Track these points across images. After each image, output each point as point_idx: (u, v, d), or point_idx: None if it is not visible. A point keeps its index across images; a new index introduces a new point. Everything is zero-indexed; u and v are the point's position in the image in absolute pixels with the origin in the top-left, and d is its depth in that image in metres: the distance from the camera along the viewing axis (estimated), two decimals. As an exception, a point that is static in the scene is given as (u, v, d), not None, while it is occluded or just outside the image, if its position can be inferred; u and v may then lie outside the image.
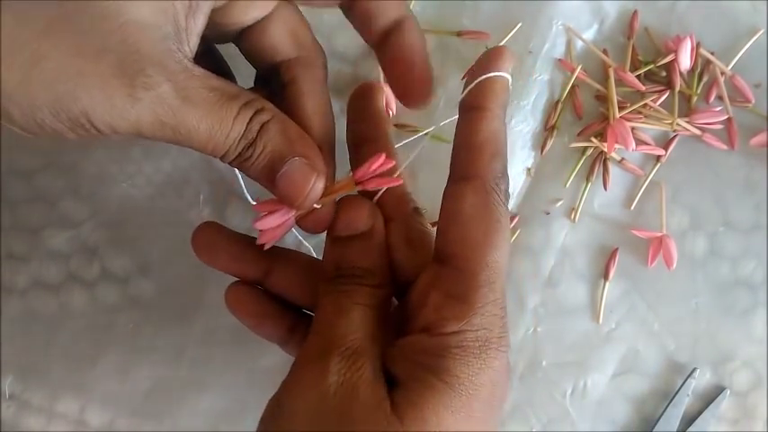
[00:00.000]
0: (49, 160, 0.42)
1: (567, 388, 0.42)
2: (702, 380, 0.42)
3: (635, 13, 0.43)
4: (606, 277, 0.42)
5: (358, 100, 0.36)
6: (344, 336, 0.29)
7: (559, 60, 0.43)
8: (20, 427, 0.41)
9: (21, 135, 0.27)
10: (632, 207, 0.43)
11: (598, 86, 0.43)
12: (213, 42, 0.34)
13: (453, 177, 0.30)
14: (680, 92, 0.42)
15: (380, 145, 0.34)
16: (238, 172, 0.35)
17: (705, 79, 0.43)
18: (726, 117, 0.42)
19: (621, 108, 0.42)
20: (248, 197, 0.36)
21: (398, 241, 0.32)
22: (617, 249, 0.42)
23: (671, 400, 0.41)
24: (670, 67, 0.42)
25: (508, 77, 0.30)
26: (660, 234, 0.41)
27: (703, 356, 0.42)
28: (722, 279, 0.42)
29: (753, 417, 0.42)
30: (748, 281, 0.42)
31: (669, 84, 0.42)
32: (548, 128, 0.43)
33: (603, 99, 0.43)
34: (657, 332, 0.42)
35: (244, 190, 0.36)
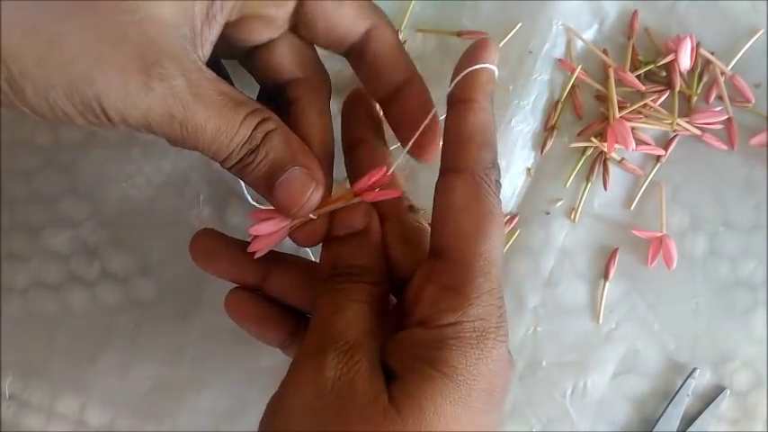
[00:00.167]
0: (49, 160, 0.42)
1: (567, 388, 0.42)
2: (702, 380, 0.42)
3: (635, 13, 0.43)
4: (606, 277, 0.42)
5: (352, 103, 0.36)
6: (341, 332, 0.29)
7: (559, 60, 0.43)
8: (20, 427, 0.41)
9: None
10: (632, 207, 0.43)
11: (598, 86, 0.43)
12: (222, 57, 0.34)
13: (443, 170, 0.30)
14: (680, 92, 0.42)
15: (375, 147, 0.35)
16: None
17: (705, 79, 0.43)
18: (726, 117, 0.42)
19: (621, 108, 0.42)
20: (249, 198, 0.36)
21: (394, 239, 0.33)
22: (617, 249, 0.42)
23: (671, 400, 0.41)
24: (670, 67, 0.42)
25: (494, 69, 0.31)
26: (660, 234, 0.42)
27: (703, 356, 0.42)
28: (722, 279, 0.42)
29: (753, 417, 0.42)
30: (748, 281, 0.42)
31: (669, 84, 0.42)
32: (548, 128, 0.43)
33: (603, 99, 0.43)
34: (657, 332, 0.42)
35: (244, 191, 0.36)
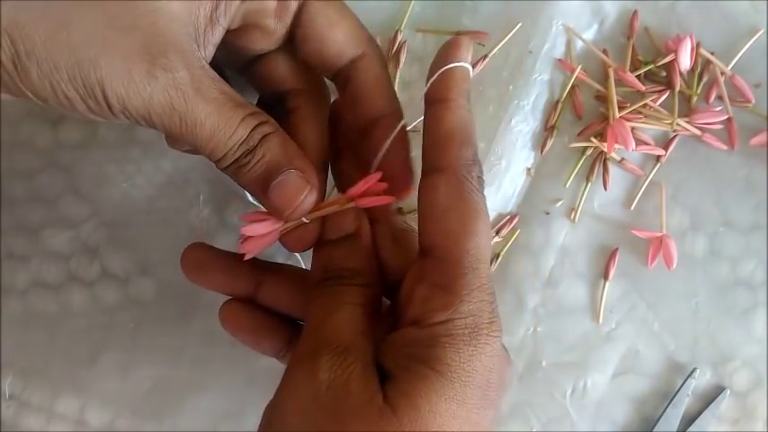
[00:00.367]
0: (49, 160, 0.42)
1: (567, 388, 0.42)
2: (702, 380, 0.42)
3: (635, 13, 0.43)
4: (606, 277, 0.42)
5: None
6: (334, 334, 0.29)
7: (559, 60, 0.43)
8: (20, 427, 0.41)
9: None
10: (632, 207, 0.43)
11: (598, 86, 0.43)
12: (223, 65, 0.35)
13: (425, 170, 0.30)
14: (680, 92, 0.42)
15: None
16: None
17: (705, 79, 0.43)
18: (726, 117, 0.42)
19: (621, 108, 0.42)
20: (249, 198, 0.36)
21: (384, 241, 0.33)
22: (617, 249, 0.42)
23: (671, 400, 0.41)
24: (670, 67, 0.42)
25: (467, 66, 0.31)
26: (660, 234, 0.41)
27: (703, 356, 0.42)
28: (722, 279, 0.42)
29: (753, 417, 0.42)
30: (748, 281, 0.42)
31: (669, 84, 0.42)
32: (548, 128, 0.43)
33: (603, 99, 0.43)
34: (657, 332, 0.42)
35: (245, 191, 0.36)
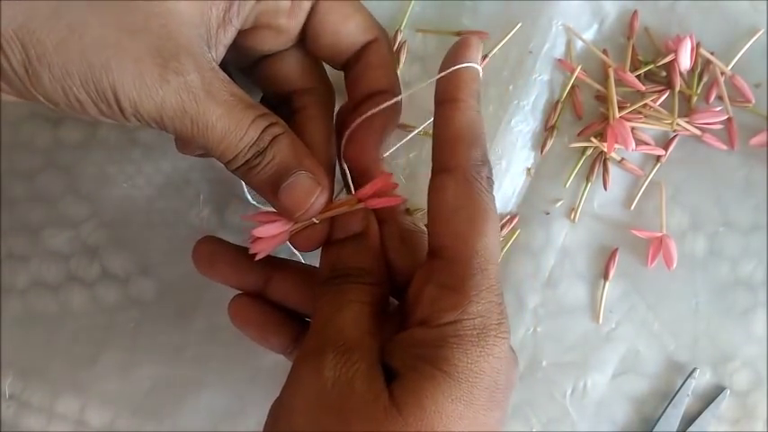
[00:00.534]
0: (49, 160, 0.42)
1: (567, 388, 0.42)
2: (702, 380, 0.42)
3: (635, 13, 0.43)
4: (606, 277, 0.42)
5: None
6: (339, 332, 0.29)
7: (559, 60, 0.43)
8: (20, 427, 0.41)
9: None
10: (632, 207, 0.43)
11: (598, 86, 0.43)
12: (229, 65, 0.35)
13: (435, 171, 0.31)
14: (680, 92, 0.42)
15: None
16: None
17: (705, 79, 0.43)
18: (726, 117, 0.42)
19: (621, 108, 0.42)
20: (249, 198, 0.36)
21: (392, 241, 0.33)
22: (617, 249, 0.42)
23: (671, 400, 0.41)
24: (670, 67, 0.42)
25: (477, 67, 0.31)
26: (660, 234, 0.42)
27: (703, 356, 0.42)
28: (722, 279, 0.42)
29: (753, 417, 0.42)
30: (748, 281, 0.42)
31: (669, 84, 0.42)
32: (548, 128, 0.43)
33: (603, 99, 0.43)
34: (657, 332, 0.42)
35: (245, 191, 0.36)
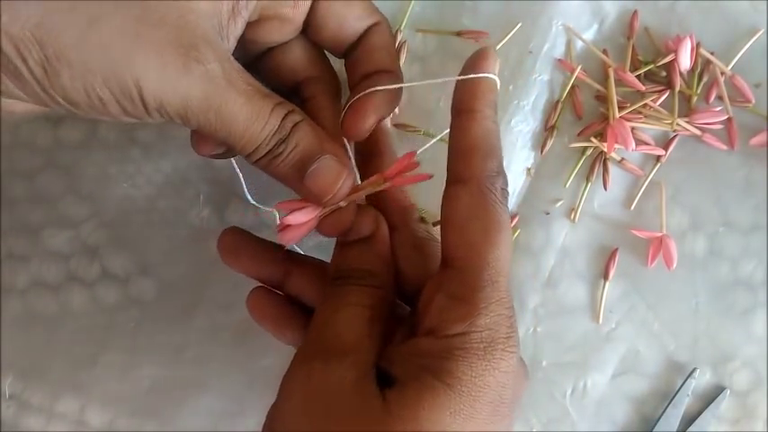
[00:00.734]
0: (49, 160, 0.42)
1: (567, 388, 0.42)
2: (702, 380, 0.42)
3: (635, 13, 0.43)
4: (606, 277, 0.42)
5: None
6: (334, 336, 0.29)
7: (559, 60, 0.43)
8: (20, 427, 0.41)
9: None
10: (632, 207, 0.43)
11: (598, 86, 0.43)
12: (237, 60, 0.35)
13: (449, 181, 0.30)
14: (680, 92, 0.42)
15: (385, 160, 0.35)
16: (239, 172, 0.35)
17: (705, 79, 0.43)
18: (726, 117, 0.42)
19: (621, 108, 0.42)
20: (249, 198, 0.36)
21: (405, 249, 0.33)
22: (617, 249, 0.42)
23: (671, 400, 0.41)
24: (670, 67, 0.42)
25: (494, 78, 0.31)
26: (660, 234, 0.41)
27: (703, 356, 0.42)
28: (722, 279, 0.42)
29: (753, 417, 0.42)
30: (748, 281, 0.42)
31: (669, 84, 0.42)
32: (548, 128, 0.43)
33: (603, 99, 0.43)
34: (657, 332, 0.42)
35: (245, 190, 0.36)
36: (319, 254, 0.36)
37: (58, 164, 0.42)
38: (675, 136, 0.43)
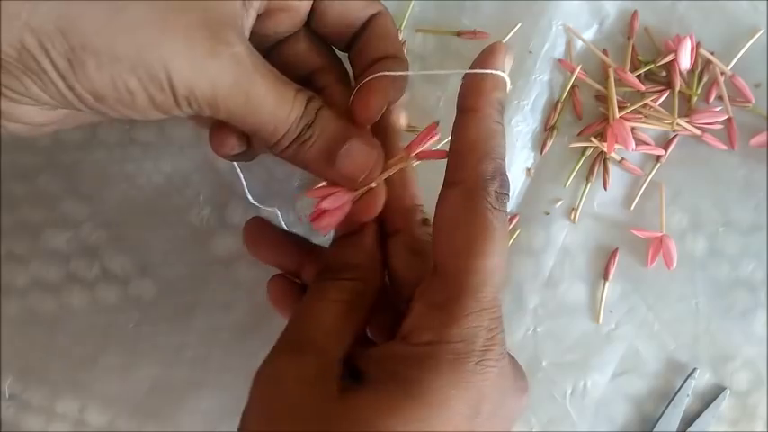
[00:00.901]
0: (49, 160, 0.42)
1: (567, 388, 0.42)
2: (702, 380, 0.42)
3: (635, 13, 0.43)
4: (606, 277, 0.42)
5: None
6: (301, 332, 0.29)
7: (559, 60, 0.43)
8: (20, 427, 0.41)
9: (21, 135, 0.27)
10: (632, 207, 0.43)
11: (598, 86, 0.43)
12: None
13: (445, 182, 0.30)
14: (680, 92, 0.42)
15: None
16: (239, 171, 0.35)
17: (705, 79, 0.43)
18: (726, 117, 0.42)
19: (621, 108, 0.42)
20: (249, 197, 0.36)
21: (401, 250, 0.32)
22: (617, 249, 0.42)
23: (671, 400, 0.41)
24: (670, 67, 0.42)
25: (501, 75, 0.30)
26: (660, 234, 0.41)
27: (703, 356, 0.42)
28: (722, 279, 0.42)
29: (753, 417, 0.42)
30: (748, 281, 0.42)
31: (669, 84, 0.42)
32: (548, 128, 0.43)
33: (603, 99, 0.43)
34: (657, 332, 0.42)
35: (245, 190, 0.36)
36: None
37: (58, 164, 0.42)
38: (675, 136, 0.43)
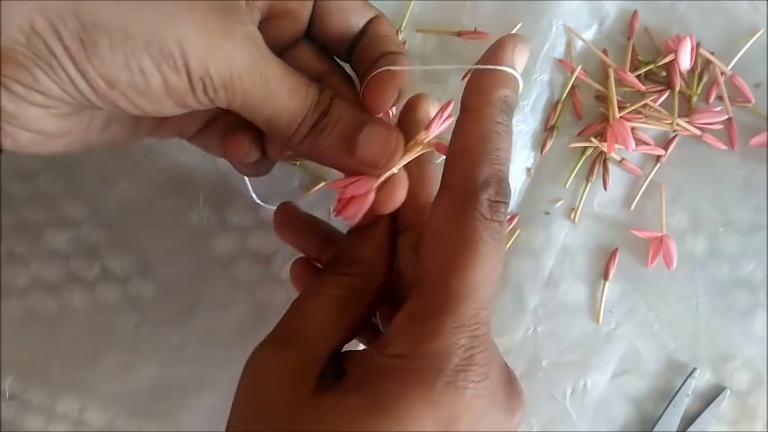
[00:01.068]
0: (49, 160, 0.42)
1: (567, 388, 0.42)
2: (702, 380, 0.42)
3: (635, 13, 0.43)
4: (606, 277, 0.42)
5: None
6: (291, 325, 0.29)
7: (559, 60, 0.43)
8: (20, 427, 0.41)
9: (30, 150, 0.27)
10: (632, 207, 0.43)
11: (598, 86, 0.43)
12: None
13: (440, 186, 0.28)
14: (680, 92, 0.42)
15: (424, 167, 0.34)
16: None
17: (705, 79, 0.43)
18: (726, 117, 0.42)
19: (621, 108, 0.42)
20: (253, 196, 0.36)
21: (408, 252, 0.31)
22: (617, 249, 0.42)
23: (671, 400, 0.41)
24: (670, 67, 0.42)
25: (507, 70, 0.28)
26: (660, 234, 0.41)
27: (703, 356, 0.42)
28: (722, 279, 0.42)
29: (753, 417, 0.42)
30: (748, 281, 0.42)
31: (669, 84, 0.42)
32: (548, 128, 0.43)
33: (603, 99, 0.43)
34: (657, 332, 0.42)
35: (249, 188, 0.36)
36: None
37: (58, 164, 0.42)
38: (675, 136, 0.43)
